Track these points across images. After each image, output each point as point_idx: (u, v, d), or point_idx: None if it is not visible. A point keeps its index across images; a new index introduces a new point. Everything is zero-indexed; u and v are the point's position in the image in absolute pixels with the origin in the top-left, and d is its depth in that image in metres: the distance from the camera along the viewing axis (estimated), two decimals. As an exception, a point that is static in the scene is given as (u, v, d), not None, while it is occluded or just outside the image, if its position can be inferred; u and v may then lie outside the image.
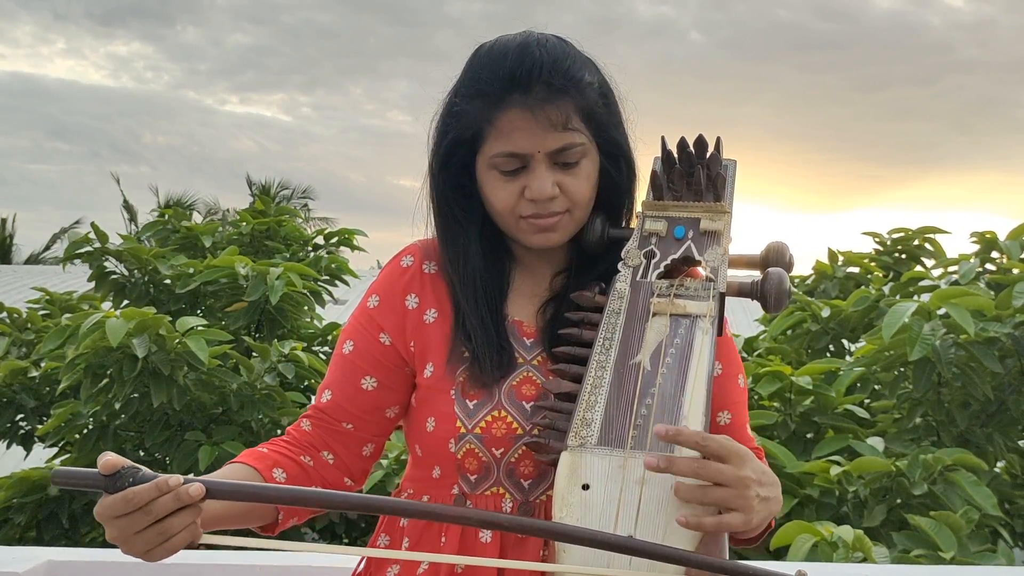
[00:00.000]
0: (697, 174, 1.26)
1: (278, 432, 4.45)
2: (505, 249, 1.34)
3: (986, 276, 4.93)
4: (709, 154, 1.26)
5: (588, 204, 1.27)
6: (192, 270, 5.12)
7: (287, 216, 6.42)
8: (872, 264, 5.77)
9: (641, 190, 1.31)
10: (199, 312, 5.26)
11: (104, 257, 5.30)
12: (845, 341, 5.02)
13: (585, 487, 1.11)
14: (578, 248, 1.32)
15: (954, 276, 4.86)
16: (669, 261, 1.24)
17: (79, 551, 2.30)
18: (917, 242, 5.87)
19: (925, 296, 4.50)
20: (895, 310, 3.78)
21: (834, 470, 3.41)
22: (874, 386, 4.28)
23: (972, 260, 4.86)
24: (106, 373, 4.15)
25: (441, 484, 1.28)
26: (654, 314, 1.20)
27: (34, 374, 4.87)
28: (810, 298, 5.15)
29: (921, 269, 5.64)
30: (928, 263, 5.79)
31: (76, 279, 8.87)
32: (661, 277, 1.23)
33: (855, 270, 5.75)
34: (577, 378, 1.19)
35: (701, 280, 1.22)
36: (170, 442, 4.34)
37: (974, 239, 5.06)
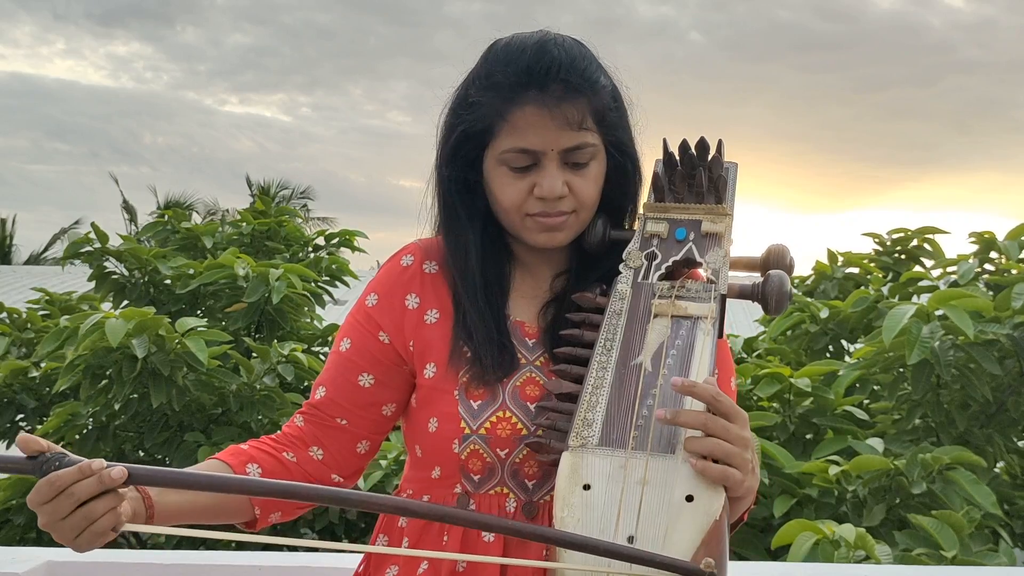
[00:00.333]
0: (699, 176, 1.26)
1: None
2: (506, 249, 1.34)
3: (985, 277, 4.93)
4: (711, 156, 1.27)
5: (594, 206, 1.28)
6: (192, 271, 5.12)
7: (287, 217, 6.42)
8: (871, 265, 5.77)
9: (644, 194, 1.31)
10: (199, 313, 5.25)
11: (104, 257, 5.30)
12: (844, 342, 5.02)
13: (586, 487, 1.11)
14: (579, 249, 1.32)
15: (953, 277, 4.86)
16: (670, 263, 1.24)
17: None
18: (916, 242, 5.87)
19: (924, 297, 4.50)
20: (894, 313, 3.78)
21: (833, 470, 3.41)
22: (873, 387, 4.29)
23: (971, 260, 4.86)
24: (105, 374, 4.15)
25: (442, 484, 1.28)
26: (655, 315, 1.20)
27: (34, 374, 4.86)
28: (809, 299, 5.15)
29: (920, 270, 5.64)
30: (928, 263, 5.79)
31: (76, 279, 8.87)
32: (662, 279, 1.23)
33: (855, 271, 5.75)
34: (578, 379, 1.20)
35: (702, 282, 1.23)
36: (169, 443, 4.34)
37: (972, 239, 5.05)
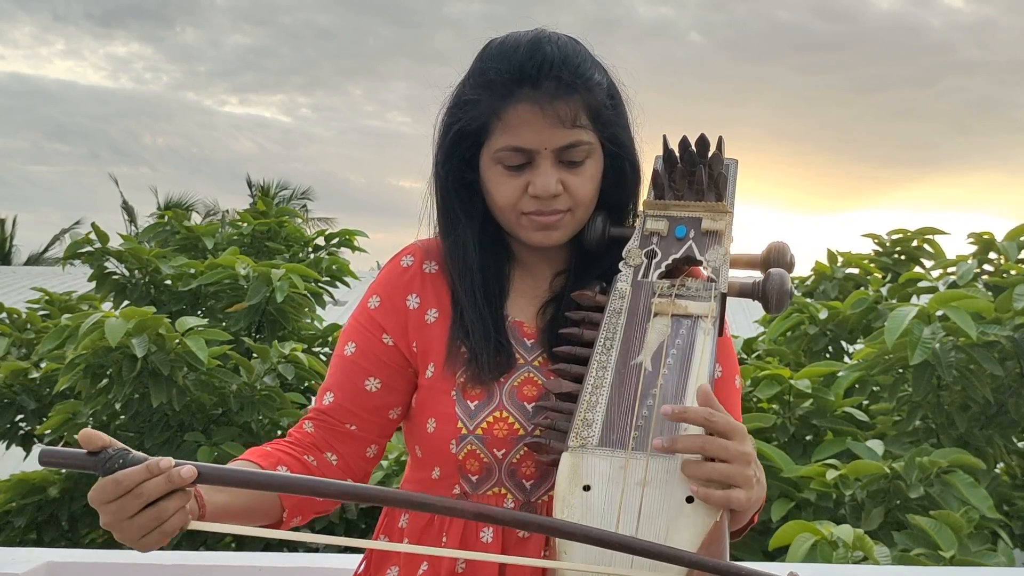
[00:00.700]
0: (699, 173, 1.25)
1: (278, 433, 4.45)
2: (505, 248, 1.34)
3: (984, 277, 4.93)
4: (711, 153, 1.26)
5: (590, 204, 1.27)
6: (193, 271, 5.12)
7: (287, 217, 6.42)
8: (871, 265, 5.77)
9: (644, 192, 1.31)
10: (199, 313, 5.25)
11: (105, 257, 5.31)
12: (843, 343, 5.02)
13: (586, 488, 1.10)
14: (579, 248, 1.32)
15: (952, 277, 4.85)
16: (670, 261, 1.23)
17: (79, 552, 2.30)
18: (916, 243, 5.87)
19: (924, 297, 4.50)
20: (896, 314, 3.78)
21: (830, 473, 3.40)
22: (873, 388, 4.28)
23: (970, 261, 4.85)
24: (106, 373, 4.15)
25: (441, 485, 1.27)
26: (655, 314, 1.19)
27: (34, 375, 4.86)
28: (808, 299, 5.15)
29: (920, 270, 5.63)
30: (927, 264, 5.79)
31: (76, 280, 8.87)
32: (662, 277, 1.22)
33: (854, 271, 5.75)
34: (578, 378, 1.19)
35: (702, 280, 1.22)
36: (170, 443, 4.33)
37: (971, 240, 5.05)
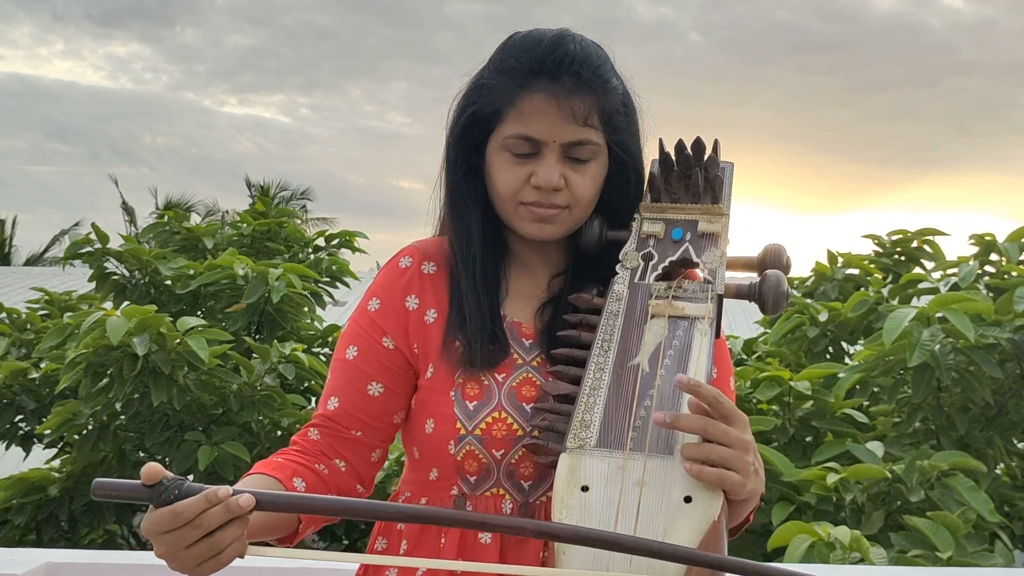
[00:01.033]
0: (695, 176, 1.25)
1: (278, 433, 4.46)
2: (503, 245, 1.34)
3: (985, 279, 4.92)
4: (707, 156, 1.26)
5: (589, 205, 1.28)
6: (192, 271, 5.13)
7: (287, 218, 6.42)
8: (871, 266, 5.77)
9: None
10: (199, 313, 5.26)
11: (105, 258, 5.31)
12: (844, 344, 5.02)
13: (584, 489, 1.10)
14: (576, 250, 1.32)
15: (953, 279, 4.85)
16: (667, 263, 1.24)
17: (78, 553, 2.30)
18: (916, 244, 5.87)
19: (924, 299, 4.50)
20: (895, 316, 3.78)
21: (831, 477, 3.40)
22: (873, 389, 4.28)
23: (972, 263, 4.85)
24: (106, 372, 4.15)
25: (439, 486, 1.27)
26: (652, 316, 1.20)
27: (34, 375, 4.87)
28: (809, 300, 5.15)
29: (920, 271, 5.63)
30: (928, 265, 5.79)
31: (75, 281, 8.87)
32: (659, 279, 1.23)
33: (854, 272, 5.75)
34: (576, 380, 1.19)
35: (699, 282, 1.22)
36: (170, 443, 4.34)
37: (973, 241, 5.05)
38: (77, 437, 4.52)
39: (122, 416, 4.40)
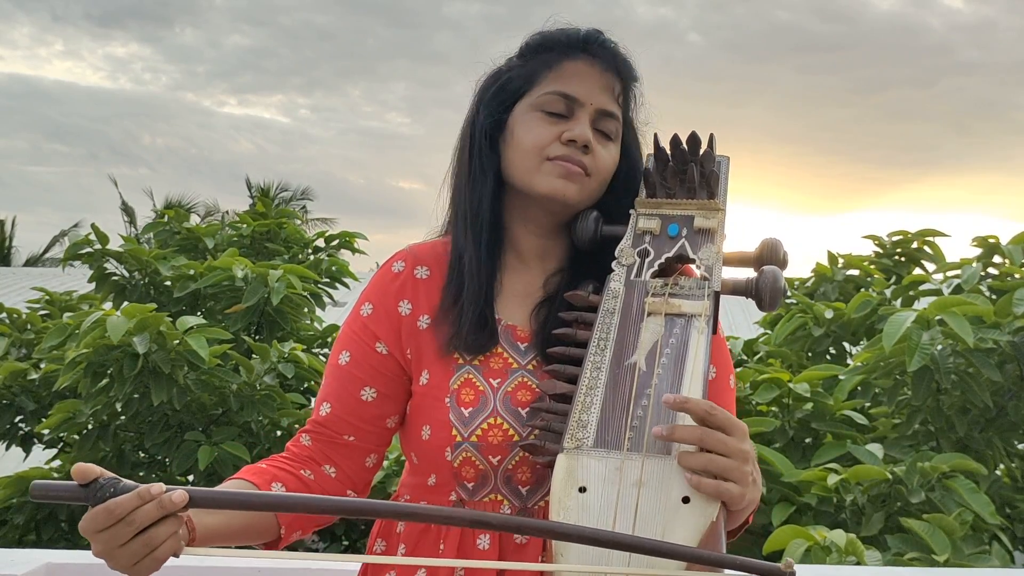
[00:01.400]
0: (690, 171, 1.25)
1: (278, 433, 4.45)
2: (501, 243, 1.33)
3: (988, 281, 4.91)
4: (702, 151, 1.26)
5: (604, 181, 1.29)
6: (192, 272, 5.13)
7: (287, 218, 6.43)
8: (872, 267, 5.76)
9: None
10: (199, 314, 5.26)
11: (105, 258, 5.31)
12: (846, 344, 5.01)
13: (582, 490, 1.10)
14: (572, 248, 1.32)
15: (956, 281, 4.84)
16: (663, 260, 1.23)
17: (78, 553, 2.29)
18: (916, 245, 5.87)
19: (927, 300, 4.50)
20: (895, 319, 3.77)
21: (831, 478, 3.40)
22: (874, 390, 4.28)
23: (975, 265, 4.84)
24: (106, 372, 4.15)
25: (438, 491, 1.27)
26: (649, 314, 1.19)
27: (34, 376, 4.86)
28: (811, 300, 5.14)
29: (922, 272, 5.63)
30: (928, 266, 5.78)
31: (75, 281, 8.87)
32: (655, 276, 1.22)
33: (855, 273, 5.75)
34: (572, 379, 1.18)
35: (696, 279, 1.22)
36: (170, 443, 4.33)
37: (975, 243, 5.04)
38: (77, 437, 4.52)
39: (122, 416, 4.39)
